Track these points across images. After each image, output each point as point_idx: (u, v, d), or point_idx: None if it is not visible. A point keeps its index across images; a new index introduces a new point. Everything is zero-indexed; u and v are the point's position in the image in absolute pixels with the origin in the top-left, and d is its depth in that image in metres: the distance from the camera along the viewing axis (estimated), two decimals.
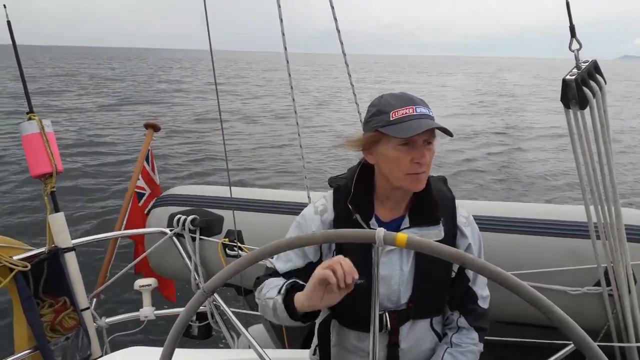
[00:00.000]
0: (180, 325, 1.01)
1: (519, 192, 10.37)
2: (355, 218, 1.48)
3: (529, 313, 1.98)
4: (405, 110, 1.37)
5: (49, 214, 2.51)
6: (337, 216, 1.52)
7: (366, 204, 1.50)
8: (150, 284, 2.91)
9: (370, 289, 1.45)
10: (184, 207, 2.88)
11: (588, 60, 1.60)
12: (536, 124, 20.03)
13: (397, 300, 1.48)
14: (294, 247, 1.05)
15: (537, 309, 0.82)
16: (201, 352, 2.23)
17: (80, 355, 2.51)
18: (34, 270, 2.43)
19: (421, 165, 1.37)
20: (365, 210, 1.50)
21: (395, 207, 1.51)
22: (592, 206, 1.84)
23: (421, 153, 1.36)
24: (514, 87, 41.70)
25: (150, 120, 3.46)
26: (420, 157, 1.36)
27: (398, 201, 1.50)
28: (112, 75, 44.14)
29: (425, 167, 1.38)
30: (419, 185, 1.41)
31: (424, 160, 1.37)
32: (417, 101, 1.41)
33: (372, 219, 1.49)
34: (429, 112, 1.38)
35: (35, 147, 2.45)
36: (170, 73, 52.19)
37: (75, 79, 37.24)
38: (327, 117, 21.00)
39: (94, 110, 20.84)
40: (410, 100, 1.40)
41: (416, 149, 1.37)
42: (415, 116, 1.36)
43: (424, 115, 1.37)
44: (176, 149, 13.70)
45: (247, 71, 60.90)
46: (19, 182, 9.68)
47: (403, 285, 1.47)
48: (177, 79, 42.72)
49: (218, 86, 2.41)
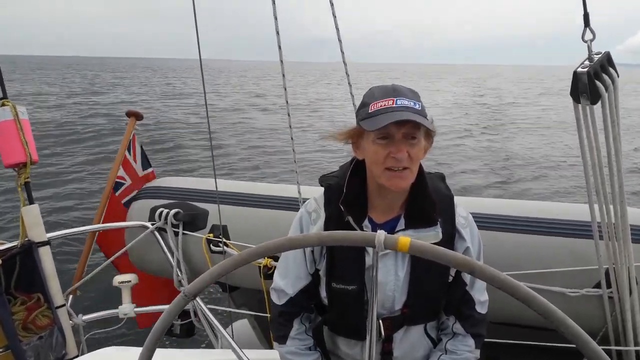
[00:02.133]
0: (160, 329, 0.94)
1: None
2: (347, 220, 1.38)
3: (526, 315, 1.91)
4: (385, 102, 1.28)
5: (23, 206, 2.38)
6: (329, 218, 1.43)
7: (359, 204, 1.41)
8: (130, 280, 2.78)
9: (362, 295, 1.37)
10: (167, 200, 2.78)
11: (600, 52, 1.52)
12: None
13: (391, 306, 1.40)
14: (285, 249, 0.96)
15: (550, 321, 0.76)
16: (182, 352, 2.15)
17: (55, 355, 2.39)
18: (5, 265, 2.30)
19: (398, 160, 1.27)
20: (358, 211, 1.40)
21: (390, 207, 1.41)
22: (597, 205, 1.77)
23: (398, 147, 1.27)
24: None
25: (132, 109, 3.32)
26: (396, 152, 1.27)
27: (392, 201, 1.40)
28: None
29: (405, 163, 1.28)
30: (397, 183, 1.31)
31: (400, 155, 1.27)
32: (402, 92, 1.31)
33: (366, 221, 1.40)
34: (413, 104, 1.27)
35: (8, 135, 2.32)
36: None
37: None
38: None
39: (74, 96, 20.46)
40: (393, 92, 1.31)
41: (394, 143, 1.27)
42: (392, 108, 1.26)
43: (404, 107, 1.26)
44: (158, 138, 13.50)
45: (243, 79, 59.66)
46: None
47: (398, 291, 1.38)
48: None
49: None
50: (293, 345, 1.48)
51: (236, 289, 2.86)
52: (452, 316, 1.46)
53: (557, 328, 0.75)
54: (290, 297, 1.46)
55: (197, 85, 30.77)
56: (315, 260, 1.45)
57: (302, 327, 1.50)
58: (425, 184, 1.39)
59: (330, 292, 1.42)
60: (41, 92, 28.48)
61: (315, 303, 1.53)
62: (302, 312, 1.50)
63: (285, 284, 1.47)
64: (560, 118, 20.91)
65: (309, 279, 1.46)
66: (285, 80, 2.17)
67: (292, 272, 1.47)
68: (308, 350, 1.48)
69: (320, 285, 1.45)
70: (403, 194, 1.39)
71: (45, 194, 8.39)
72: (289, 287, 1.46)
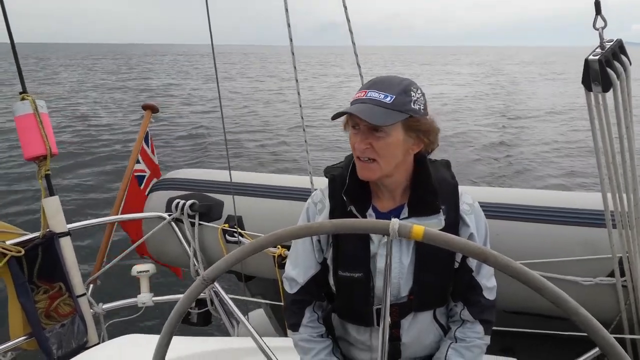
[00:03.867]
0: (178, 314, 0.96)
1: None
2: (350, 210, 1.41)
3: (537, 303, 1.92)
4: (360, 93, 1.33)
5: (44, 198, 2.44)
6: (333, 208, 1.46)
7: (362, 194, 1.43)
8: (148, 270, 2.85)
9: (368, 282, 1.39)
10: (183, 191, 2.82)
11: (613, 40, 1.51)
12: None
13: (397, 293, 1.41)
14: (301, 236, 0.97)
15: (562, 310, 0.76)
16: (200, 340, 2.18)
17: (76, 342, 2.46)
18: (28, 255, 2.37)
19: (360, 151, 1.31)
20: (361, 200, 1.42)
21: (392, 196, 1.43)
22: (610, 194, 1.76)
23: (360, 138, 1.31)
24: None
25: (148, 102, 3.37)
26: (357, 142, 1.32)
27: (393, 190, 1.42)
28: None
29: (367, 154, 1.31)
30: (363, 173, 1.35)
31: (359, 145, 1.31)
32: (377, 85, 1.33)
33: (370, 210, 1.42)
34: (383, 97, 1.29)
35: (28, 129, 2.37)
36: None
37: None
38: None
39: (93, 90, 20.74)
40: (370, 84, 1.34)
41: (359, 133, 1.32)
42: (360, 100, 1.31)
43: (369, 99, 1.29)
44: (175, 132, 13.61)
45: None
46: (14, 164, 9.58)
47: (403, 277, 1.40)
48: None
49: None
50: (305, 332, 1.51)
51: (252, 279, 2.90)
52: (460, 303, 1.47)
53: (569, 315, 0.76)
54: (302, 285, 1.50)
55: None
56: (322, 249, 1.48)
57: (314, 316, 1.52)
58: (427, 173, 1.40)
59: (337, 280, 1.44)
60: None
61: (326, 292, 1.56)
62: (314, 300, 1.53)
63: (296, 273, 1.50)
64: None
65: (318, 267, 1.49)
66: (297, 73, 2.19)
67: (302, 262, 1.50)
68: (320, 337, 1.51)
69: (329, 273, 1.48)
70: (402, 185, 1.42)
71: (68, 184, 8.56)
72: (300, 276, 1.50)
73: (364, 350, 1.50)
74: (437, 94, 23.87)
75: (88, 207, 7.61)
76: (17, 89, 2.45)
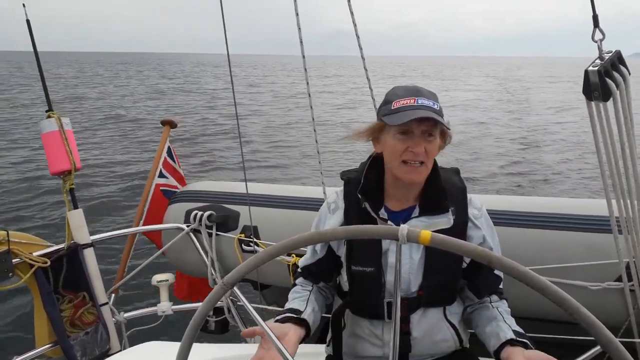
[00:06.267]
0: (199, 318, 1.00)
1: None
2: (364, 207, 1.49)
3: (548, 309, 1.95)
4: (407, 100, 1.39)
5: (68, 211, 2.54)
6: (348, 207, 1.55)
7: (376, 194, 1.52)
8: (168, 280, 2.93)
9: (379, 277, 1.46)
10: (201, 203, 2.90)
11: (611, 51, 1.56)
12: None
13: (407, 288, 1.47)
14: (315, 242, 1.03)
15: (565, 310, 0.80)
16: (217, 347, 2.24)
17: (100, 350, 2.54)
18: (53, 266, 2.46)
19: (415, 154, 1.38)
20: (375, 200, 1.51)
21: (405, 197, 1.51)
22: (614, 200, 1.80)
23: (416, 142, 1.38)
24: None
25: (167, 117, 3.47)
26: (414, 146, 1.38)
27: (407, 192, 1.50)
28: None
29: (421, 158, 1.39)
30: (413, 176, 1.41)
31: (418, 149, 1.38)
32: (423, 93, 1.42)
33: (382, 209, 1.51)
34: (432, 104, 1.38)
35: (54, 145, 2.47)
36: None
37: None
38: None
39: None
40: (415, 92, 1.42)
41: (413, 138, 1.39)
42: (414, 106, 1.37)
43: (424, 106, 1.37)
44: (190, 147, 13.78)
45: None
46: (40, 179, 9.81)
47: (413, 273, 1.46)
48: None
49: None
50: (295, 286, 1.63)
51: (267, 287, 2.96)
52: (486, 298, 1.55)
53: (570, 314, 0.79)
54: (301, 268, 1.66)
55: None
56: (334, 246, 1.58)
57: (307, 281, 1.64)
58: (438, 176, 1.49)
59: (350, 275, 1.52)
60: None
61: (338, 291, 1.66)
62: (309, 278, 1.64)
63: (301, 260, 1.67)
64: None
65: (314, 258, 1.61)
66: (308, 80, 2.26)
67: (307, 253, 1.65)
68: (303, 289, 1.62)
69: (342, 268, 1.57)
70: (417, 186, 1.49)
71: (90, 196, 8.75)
72: (302, 263, 1.66)
73: (376, 346, 1.55)
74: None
75: (110, 218, 7.77)
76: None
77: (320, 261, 1.60)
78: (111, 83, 37.46)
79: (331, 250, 1.59)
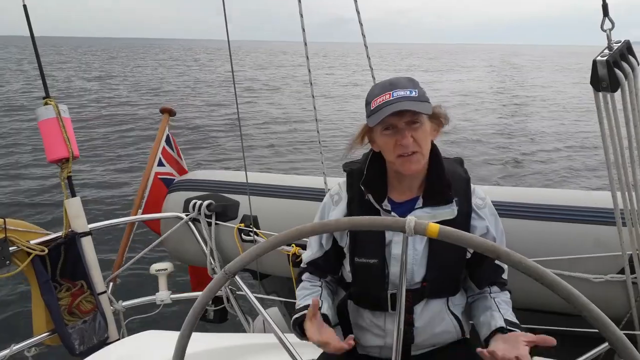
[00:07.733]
0: (200, 307, 0.99)
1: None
2: (367, 198, 1.48)
3: (548, 300, 1.93)
4: (382, 97, 1.38)
5: (66, 199, 2.51)
6: (351, 198, 1.54)
7: (379, 185, 1.51)
8: (167, 269, 2.92)
9: (382, 269, 1.44)
10: (200, 192, 2.88)
11: (620, 41, 1.53)
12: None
13: (411, 279, 1.46)
14: (317, 233, 1.02)
15: (573, 305, 0.79)
16: (217, 336, 2.23)
17: (98, 338, 2.53)
18: (51, 254, 2.45)
19: (405, 146, 1.37)
20: (378, 191, 1.50)
21: (408, 188, 1.50)
22: (619, 192, 1.78)
23: (402, 135, 1.37)
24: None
25: (166, 105, 3.43)
26: (401, 139, 1.37)
27: (410, 183, 1.49)
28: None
29: (412, 148, 1.38)
30: (410, 167, 1.40)
31: (406, 141, 1.37)
32: (398, 85, 1.40)
33: (385, 201, 1.49)
34: (409, 92, 1.37)
35: (51, 132, 2.44)
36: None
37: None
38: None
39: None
40: (389, 86, 1.40)
41: (399, 132, 1.38)
42: (389, 101, 1.36)
43: (400, 98, 1.36)
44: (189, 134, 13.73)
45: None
46: (37, 166, 9.77)
47: (417, 264, 1.46)
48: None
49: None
50: (303, 282, 1.63)
51: (266, 277, 2.95)
52: (487, 288, 1.55)
53: (579, 311, 0.78)
54: (307, 263, 1.63)
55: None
56: (337, 237, 1.56)
57: (314, 276, 1.63)
58: (441, 166, 1.48)
59: (353, 267, 1.51)
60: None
61: (340, 282, 1.64)
62: (316, 273, 1.63)
63: (305, 255, 1.65)
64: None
65: (322, 251, 1.59)
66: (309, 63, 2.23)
67: (311, 245, 1.63)
68: (311, 285, 1.61)
69: (345, 260, 1.56)
70: (419, 177, 1.48)
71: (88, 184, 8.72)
72: (307, 258, 1.63)
73: (378, 336, 1.54)
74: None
75: (108, 207, 7.74)
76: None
77: (328, 254, 1.59)
78: (114, 69, 37.28)
79: (335, 242, 1.57)
